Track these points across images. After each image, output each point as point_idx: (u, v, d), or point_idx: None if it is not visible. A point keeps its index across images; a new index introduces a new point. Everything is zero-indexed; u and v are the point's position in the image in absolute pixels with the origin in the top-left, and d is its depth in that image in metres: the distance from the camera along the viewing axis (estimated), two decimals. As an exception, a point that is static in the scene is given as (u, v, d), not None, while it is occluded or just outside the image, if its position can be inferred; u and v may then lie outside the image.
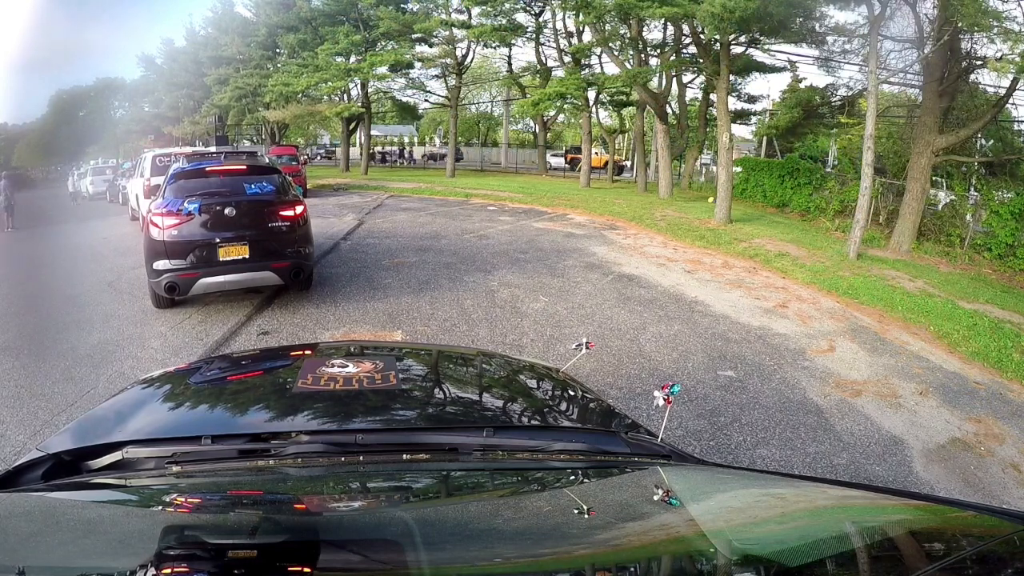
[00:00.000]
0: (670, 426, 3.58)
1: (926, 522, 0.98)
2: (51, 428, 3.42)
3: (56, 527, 0.90)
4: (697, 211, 14.22)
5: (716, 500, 1.11)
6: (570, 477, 1.16)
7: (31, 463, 1.12)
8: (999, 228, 10.44)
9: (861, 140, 11.24)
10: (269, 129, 30.71)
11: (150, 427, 1.27)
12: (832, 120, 16.89)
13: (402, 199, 17.33)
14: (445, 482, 1.11)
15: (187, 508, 0.96)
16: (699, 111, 20.97)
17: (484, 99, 40.98)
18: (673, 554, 0.84)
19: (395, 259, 8.54)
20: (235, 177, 5.87)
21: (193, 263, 5.31)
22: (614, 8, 13.47)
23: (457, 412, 1.47)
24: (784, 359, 5.08)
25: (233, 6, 30.31)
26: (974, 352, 5.51)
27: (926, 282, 8.39)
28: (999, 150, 12.36)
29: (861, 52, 12.09)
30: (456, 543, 0.82)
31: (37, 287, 7.43)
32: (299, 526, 0.91)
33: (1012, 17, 8.43)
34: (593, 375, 4.40)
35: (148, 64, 35.85)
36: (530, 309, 6.16)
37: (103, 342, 5.00)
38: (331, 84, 24.03)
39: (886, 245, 11.09)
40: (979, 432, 4.01)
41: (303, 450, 1.13)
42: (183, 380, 1.64)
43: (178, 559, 0.73)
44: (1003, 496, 3.31)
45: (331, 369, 1.48)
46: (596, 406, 1.67)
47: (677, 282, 7.70)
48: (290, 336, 5.23)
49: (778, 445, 3.60)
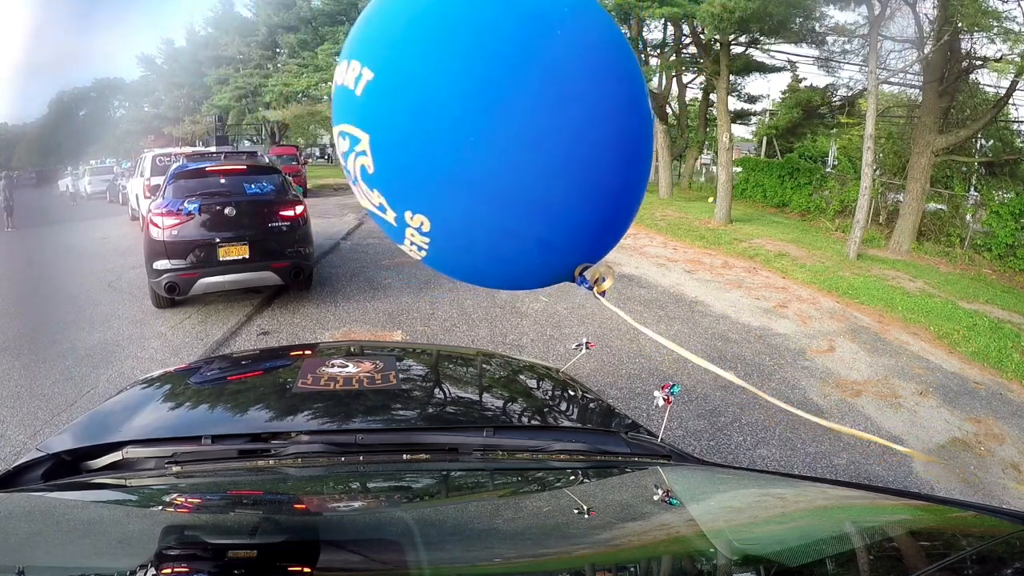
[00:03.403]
0: (670, 426, 3.58)
1: (926, 522, 0.98)
2: (51, 428, 3.42)
3: (56, 527, 0.90)
4: (697, 211, 14.22)
5: (716, 500, 1.11)
6: (570, 477, 1.16)
7: (31, 463, 1.12)
8: (999, 228, 10.43)
9: (861, 140, 11.24)
10: (269, 129, 30.71)
11: (150, 427, 1.27)
12: (832, 120, 16.88)
13: (402, 199, 17.30)
14: (445, 482, 1.11)
15: (187, 508, 0.96)
16: (699, 111, 20.96)
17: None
18: (673, 554, 0.84)
19: (395, 259, 8.54)
20: (235, 177, 5.87)
21: (193, 263, 5.31)
22: (614, 8, 13.45)
23: (457, 412, 1.47)
24: (784, 359, 5.07)
25: (233, 6, 30.33)
26: (974, 352, 5.51)
27: (926, 282, 8.39)
28: (999, 150, 12.36)
29: (861, 52, 12.10)
30: (456, 543, 0.82)
31: (37, 287, 7.43)
32: (299, 526, 0.91)
33: (1012, 17, 8.43)
34: (593, 375, 4.40)
35: (148, 64, 35.84)
36: (530, 309, 6.16)
37: (103, 342, 5.00)
38: (331, 84, 24.03)
39: (886, 245, 11.09)
40: (979, 432, 4.01)
41: (303, 450, 1.13)
42: (183, 380, 1.64)
43: (178, 559, 0.73)
44: (1003, 496, 3.31)
45: (331, 369, 1.48)
46: (596, 406, 1.67)
47: (677, 282, 7.70)
48: (290, 336, 5.23)
49: (778, 445, 3.60)
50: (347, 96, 0.99)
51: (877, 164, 11.72)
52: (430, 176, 0.91)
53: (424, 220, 0.97)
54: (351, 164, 1.03)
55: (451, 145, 0.89)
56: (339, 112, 1.06)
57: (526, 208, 0.95)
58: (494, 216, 0.95)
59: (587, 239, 1.09)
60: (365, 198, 1.07)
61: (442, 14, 0.92)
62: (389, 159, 0.94)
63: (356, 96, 0.96)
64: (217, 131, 19.08)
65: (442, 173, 0.90)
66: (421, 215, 0.97)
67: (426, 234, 0.99)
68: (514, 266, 1.07)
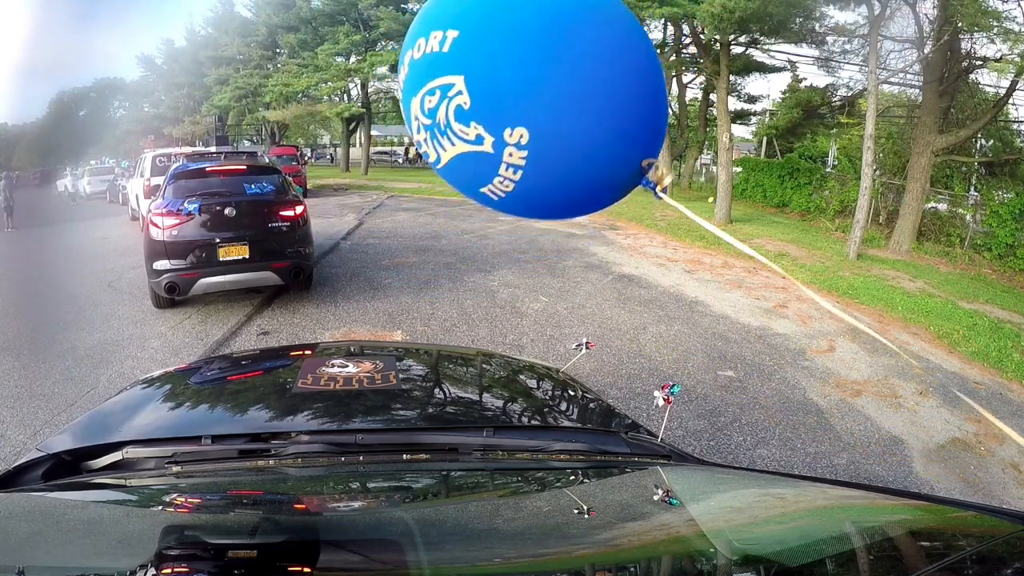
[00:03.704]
0: (670, 426, 3.58)
1: (926, 522, 0.98)
2: (51, 428, 3.42)
3: (56, 527, 0.90)
4: (697, 211, 14.06)
5: (716, 500, 1.11)
6: (570, 477, 1.16)
7: (31, 463, 1.12)
8: (999, 228, 10.44)
9: (861, 140, 11.25)
10: (269, 129, 30.72)
11: (150, 427, 1.27)
12: (832, 120, 16.89)
13: (402, 199, 17.33)
14: (445, 482, 1.11)
15: (187, 508, 0.96)
16: (699, 111, 20.97)
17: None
18: (673, 554, 0.84)
19: (395, 259, 8.54)
20: (235, 177, 5.87)
21: (193, 263, 5.31)
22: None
23: (457, 412, 1.47)
24: (784, 359, 5.08)
25: (233, 6, 30.33)
26: (974, 352, 5.51)
27: (926, 282, 8.39)
28: (999, 150, 12.36)
29: (861, 52, 12.09)
30: (456, 543, 0.82)
31: (37, 287, 7.43)
32: (299, 526, 0.91)
33: (1012, 17, 8.44)
34: (593, 375, 4.40)
35: (148, 64, 35.87)
36: (530, 309, 6.16)
37: (103, 342, 5.00)
38: (331, 84, 24.07)
39: (886, 245, 11.10)
40: (979, 432, 4.01)
41: (303, 450, 1.13)
42: (183, 380, 1.64)
43: (178, 559, 0.73)
44: (1003, 496, 3.31)
45: (331, 369, 1.48)
46: (596, 406, 1.67)
47: (677, 282, 7.70)
48: (290, 336, 5.23)
49: (778, 445, 3.60)
50: (433, 59, 1.21)
51: (877, 164, 11.72)
52: (522, 90, 1.17)
53: (523, 132, 1.19)
54: (442, 113, 1.23)
55: (534, 62, 1.17)
56: (423, 76, 1.25)
57: (603, 104, 1.23)
58: (579, 114, 1.21)
59: (647, 133, 1.36)
60: (457, 140, 1.26)
61: None
62: (485, 88, 1.17)
63: (444, 53, 1.19)
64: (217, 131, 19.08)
65: (532, 85, 1.17)
66: (520, 127, 1.18)
67: (525, 146, 1.20)
68: (598, 166, 1.31)
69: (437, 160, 1.32)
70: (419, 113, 1.28)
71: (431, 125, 1.27)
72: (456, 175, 1.33)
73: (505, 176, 1.27)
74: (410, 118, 1.33)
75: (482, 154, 1.25)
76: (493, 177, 1.28)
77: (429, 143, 1.30)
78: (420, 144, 1.35)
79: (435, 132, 1.28)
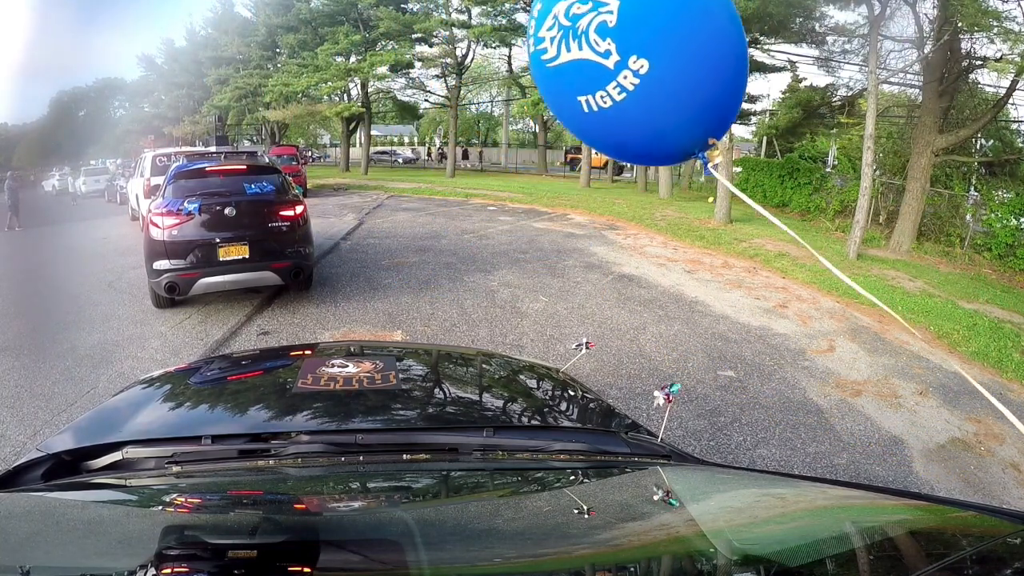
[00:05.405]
0: (670, 426, 3.59)
1: (926, 522, 0.98)
2: (51, 428, 3.42)
3: (56, 527, 0.90)
4: (697, 211, 14.22)
5: (716, 500, 1.11)
6: (570, 477, 1.16)
7: (31, 463, 1.12)
8: (999, 228, 10.43)
9: (861, 140, 11.24)
10: (269, 129, 30.72)
11: (150, 427, 1.27)
12: (832, 120, 16.89)
13: (402, 199, 17.32)
14: (445, 482, 1.11)
15: (187, 508, 0.96)
16: (699, 111, 20.91)
17: (484, 99, 41.05)
18: (673, 554, 0.84)
19: (395, 259, 8.54)
20: (235, 177, 5.87)
21: (193, 263, 5.31)
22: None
23: (457, 412, 1.47)
24: (784, 359, 5.07)
25: (233, 6, 30.36)
26: (974, 352, 5.51)
27: (926, 282, 8.39)
28: (999, 150, 12.36)
29: (861, 52, 12.10)
30: (456, 543, 0.82)
31: (38, 286, 7.43)
32: (299, 526, 0.91)
33: (1012, 17, 8.43)
34: (593, 375, 4.40)
35: (148, 64, 35.90)
36: (530, 309, 6.16)
37: (103, 342, 5.00)
38: (331, 84, 24.04)
39: (886, 245, 11.09)
40: (979, 432, 4.01)
41: (303, 450, 1.13)
42: (183, 380, 1.64)
43: (178, 559, 0.73)
44: (1003, 496, 3.31)
45: (331, 369, 1.48)
46: (596, 406, 1.67)
47: (677, 282, 7.70)
48: (290, 336, 5.23)
49: (778, 445, 3.60)
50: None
51: (877, 164, 11.72)
52: (661, 31, 1.38)
53: (645, 63, 1.36)
54: (584, 21, 1.40)
55: (678, 15, 1.36)
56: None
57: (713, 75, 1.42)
58: (694, 72, 1.40)
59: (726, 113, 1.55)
60: (587, 47, 1.42)
61: None
62: (634, 14, 1.35)
63: None
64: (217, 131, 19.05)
65: (670, 31, 1.36)
66: (645, 59, 1.35)
67: (640, 75, 1.37)
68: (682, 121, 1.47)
69: (554, 58, 1.49)
70: (561, 14, 1.44)
71: (569, 27, 1.43)
72: (564, 76, 1.49)
73: (609, 93, 1.42)
74: (546, 14, 1.49)
75: (601, 67, 1.41)
76: (599, 90, 1.43)
77: (555, 42, 1.46)
78: (541, 40, 1.53)
79: (568, 34, 1.44)
